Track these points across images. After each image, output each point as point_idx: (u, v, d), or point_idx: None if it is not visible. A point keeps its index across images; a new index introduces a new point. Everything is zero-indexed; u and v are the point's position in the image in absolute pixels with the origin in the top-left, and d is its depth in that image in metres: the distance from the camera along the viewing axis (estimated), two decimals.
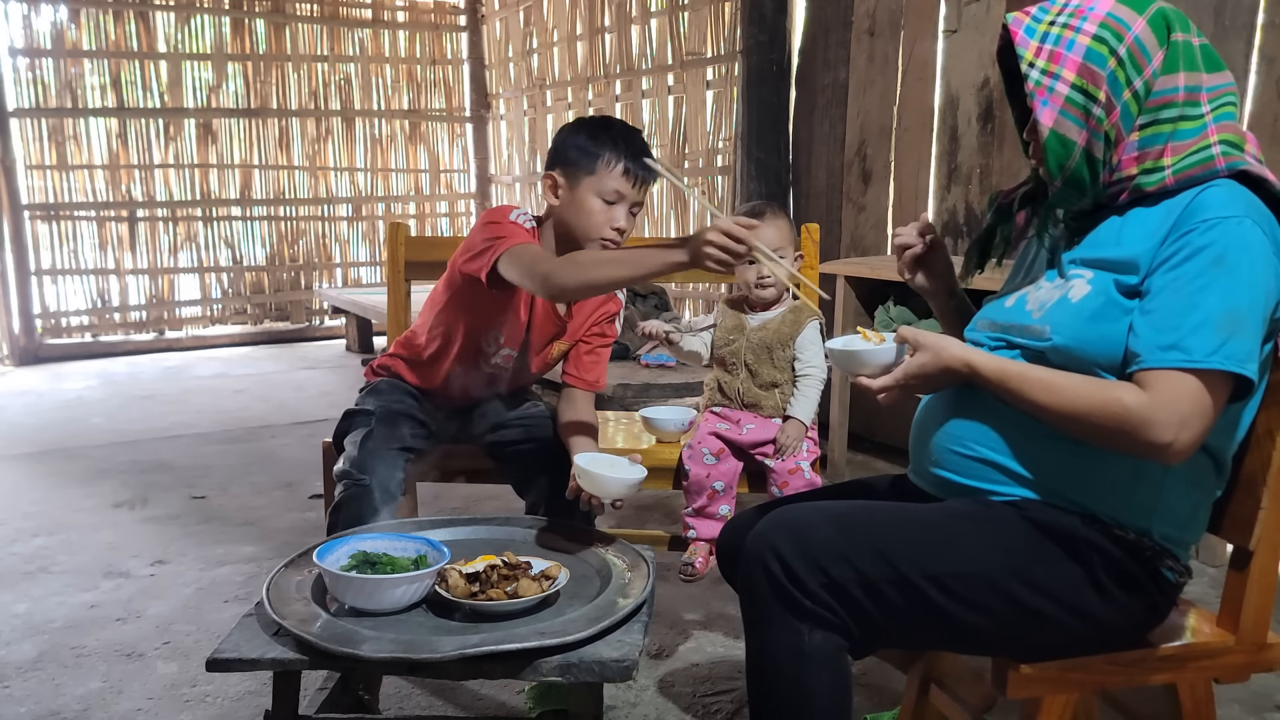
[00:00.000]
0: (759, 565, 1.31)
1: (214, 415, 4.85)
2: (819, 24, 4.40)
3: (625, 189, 1.88)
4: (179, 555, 3.00)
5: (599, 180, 1.87)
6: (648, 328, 2.23)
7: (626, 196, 1.89)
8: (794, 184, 4.59)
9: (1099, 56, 1.30)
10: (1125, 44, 1.30)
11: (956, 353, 1.36)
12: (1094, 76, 1.31)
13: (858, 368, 1.44)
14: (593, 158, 1.87)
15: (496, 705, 2.11)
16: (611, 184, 1.87)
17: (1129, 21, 1.31)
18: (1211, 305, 1.22)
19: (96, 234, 6.64)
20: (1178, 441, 1.22)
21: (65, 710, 2.12)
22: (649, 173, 1.89)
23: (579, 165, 1.89)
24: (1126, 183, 1.35)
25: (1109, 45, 1.30)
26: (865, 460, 3.88)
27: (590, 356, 2.11)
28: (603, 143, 1.87)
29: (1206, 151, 1.30)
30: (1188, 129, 1.31)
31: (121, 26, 6.51)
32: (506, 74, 7.49)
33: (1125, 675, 1.37)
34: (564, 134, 1.94)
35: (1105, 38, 1.31)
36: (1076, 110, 1.32)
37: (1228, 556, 1.42)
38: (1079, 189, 1.36)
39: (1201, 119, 1.32)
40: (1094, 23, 1.32)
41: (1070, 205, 1.41)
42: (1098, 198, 1.38)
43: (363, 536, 1.61)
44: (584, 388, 2.09)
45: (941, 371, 1.37)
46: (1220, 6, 2.84)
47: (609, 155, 1.86)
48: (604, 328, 2.12)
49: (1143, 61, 1.30)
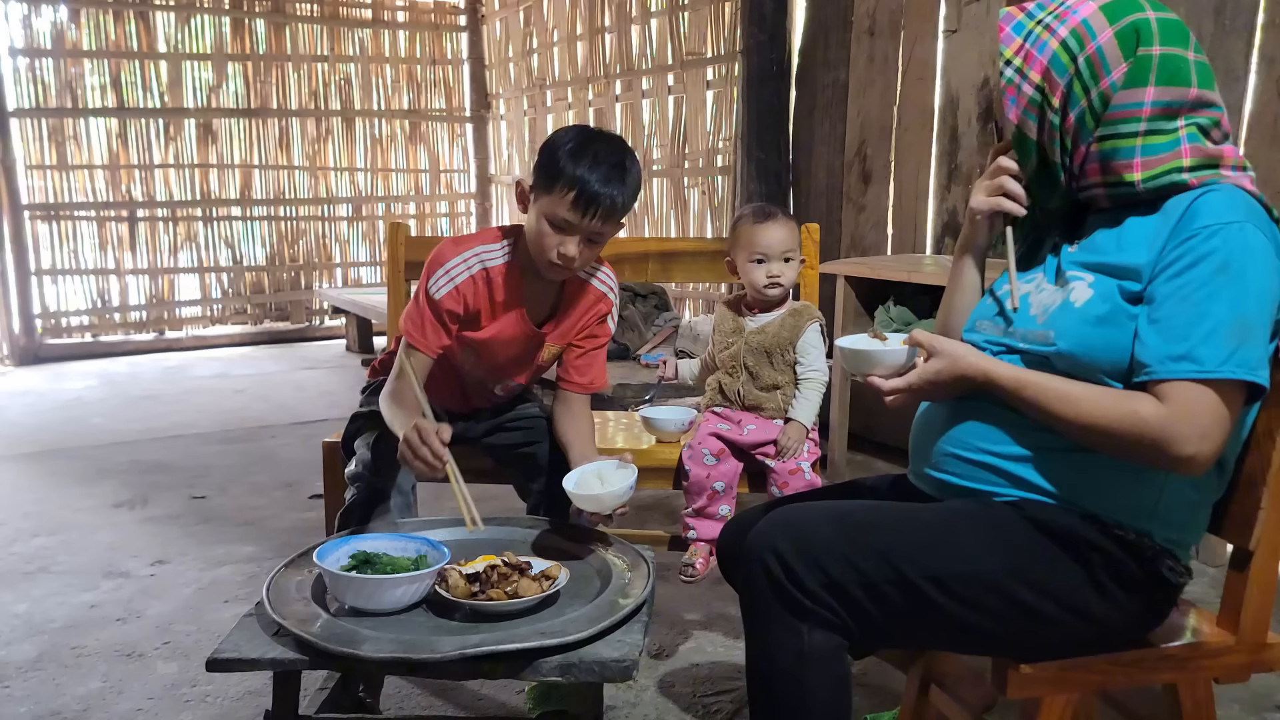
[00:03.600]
0: (759, 565, 1.31)
1: (214, 415, 4.85)
2: (819, 24, 4.41)
3: (574, 219, 1.75)
4: (179, 555, 3.00)
5: (551, 203, 1.75)
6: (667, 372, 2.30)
7: (577, 227, 1.76)
8: (794, 184, 4.60)
9: (1061, 64, 1.33)
10: (1086, 53, 1.32)
11: (974, 361, 1.36)
12: (1053, 82, 1.33)
13: (868, 368, 1.43)
14: (550, 179, 1.75)
15: (496, 705, 2.11)
16: (560, 211, 1.74)
17: (1097, 31, 1.31)
18: (1220, 313, 1.22)
19: (96, 234, 6.64)
20: (1200, 454, 1.22)
21: (65, 710, 2.12)
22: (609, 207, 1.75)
23: (539, 182, 1.79)
24: (1095, 189, 1.37)
25: (1070, 53, 1.32)
26: (865, 460, 3.88)
27: (583, 360, 2.04)
28: (564, 166, 1.73)
29: (1178, 175, 1.30)
30: (1157, 144, 1.31)
31: (121, 26, 6.51)
32: (506, 74, 7.50)
33: (1125, 675, 1.37)
34: (546, 141, 1.82)
35: (1070, 45, 1.32)
36: (1035, 110, 1.36)
37: (1228, 556, 1.41)
38: (1046, 186, 1.40)
39: (1174, 134, 1.31)
40: (1068, 28, 1.33)
41: (1046, 203, 1.44)
42: (1068, 198, 1.41)
43: (363, 536, 1.61)
44: (579, 391, 2.03)
45: (957, 379, 1.37)
46: (1220, 6, 2.84)
47: (564, 182, 1.73)
48: (595, 329, 2.05)
49: (1100, 73, 1.31)
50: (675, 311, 5.22)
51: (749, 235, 2.13)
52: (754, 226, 2.13)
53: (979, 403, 1.39)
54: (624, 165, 1.77)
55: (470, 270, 1.88)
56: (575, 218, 1.74)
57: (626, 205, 1.80)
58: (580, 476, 1.72)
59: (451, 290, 1.86)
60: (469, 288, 1.88)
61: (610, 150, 1.77)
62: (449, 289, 1.86)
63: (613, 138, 1.83)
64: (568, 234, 1.77)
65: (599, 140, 1.78)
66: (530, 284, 1.92)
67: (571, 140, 1.76)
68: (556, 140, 1.78)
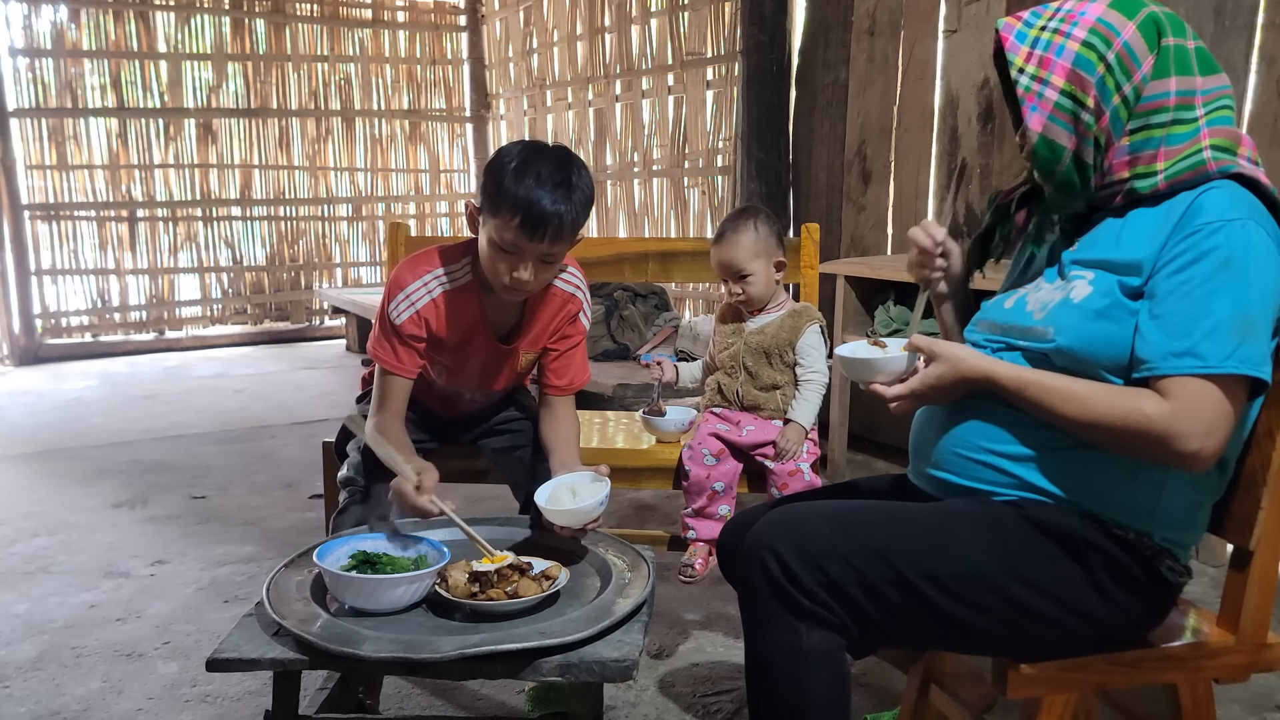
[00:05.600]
0: (758, 564, 1.31)
1: (214, 415, 4.85)
2: (819, 24, 4.40)
3: (523, 244, 1.69)
4: (179, 555, 3.00)
5: (498, 227, 1.69)
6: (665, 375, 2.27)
7: (527, 251, 1.70)
8: (794, 184, 4.59)
9: (1088, 62, 1.31)
10: (1114, 49, 1.31)
11: (975, 364, 1.36)
12: (1083, 82, 1.31)
13: (869, 376, 1.44)
14: (495, 203, 1.69)
15: (496, 706, 2.11)
16: (509, 235, 1.68)
17: (1118, 27, 1.31)
18: (1223, 310, 1.23)
19: (96, 234, 6.64)
20: (1204, 449, 1.22)
21: (65, 710, 2.12)
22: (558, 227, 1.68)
23: (485, 205, 1.73)
24: (1119, 186, 1.35)
25: (1098, 51, 1.31)
26: (865, 460, 3.88)
27: (560, 362, 1.99)
28: (508, 187, 1.66)
29: (1198, 156, 1.31)
30: (1180, 133, 1.32)
31: (121, 26, 6.51)
32: (506, 74, 7.49)
33: (1125, 675, 1.37)
34: (490, 161, 1.74)
35: (1094, 44, 1.31)
36: (1065, 115, 1.33)
37: (1228, 556, 1.41)
38: (1070, 192, 1.38)
39: (1195, 123, 1.32)
40: (1084, 29, 1.32)
41: (1064, 209, 1.42)
42: (1090, 200, 1.39)
43: (363, 536, 1.61)
44: (560, 393, 1.99)
45: (958, 382, 1.37)
46: (1220, 6, 2.84)
47: (509, 206, 1.66)
48: (567, 330, 1.99)
49: (1132, 67, 1.31)
50: (675, 311, 5.22)
51: (711, 254, 2.19)
52: (713, 246, 2.19)
53: (979, 402, 1.39)
54: (570, 181, 1.69)
55: (430, 293, 1.85)
56: (524, 242, 1.68)
57: (578, 221, 1.74)
58: (553, 490, 1.68)
59: (412, 315, 1.85)
60: (430, 311, 1.86)
61: (554, 167, 1.68)
62: (409, 314, 1.85)
63: (556, 152, 1.73)
64: (519, 258, 1.71)
65: (542, 157, 1.70)
66: (492, 301, 1.88)
67: (514, 159, 1.69)
68: (500, 160, 1.71)
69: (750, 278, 2.13)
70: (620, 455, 2.26)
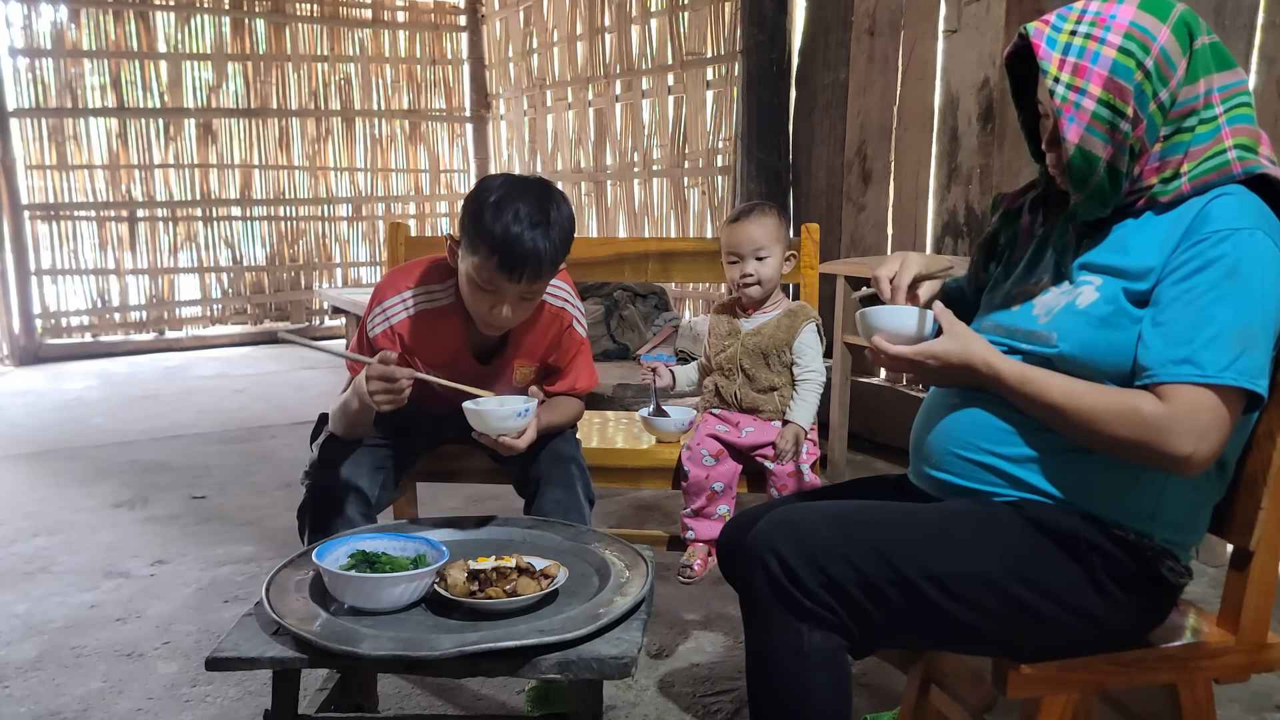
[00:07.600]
0: (758, 565, 1.30)
1: (214, 415, 4.85)
2: (819, 24, 4.41)
3: (501, 283, 1.69)
4: (179, 555, 3.00)
5: (477, 266, 1.69)
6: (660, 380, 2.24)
7: (506, 289, 1.71)
8: (794, 184, 4.60)
9: (1125, 70, 1.26)
10: (1152, 56, 1.26)
11: (981, 351, 1.35)
12: (1121, 91, 1.26)
13: (883, 324, 1.41)
14: (473, 240, 1.69)
15: (496, 705, 2.11)
16: (487, 274, 1.69)
17: (1154, 31, 1.27)
18: (1225, 319, 1.22)
19: (96, 234, 6.64)
20: (1197, 453, 1.22)
21: (65, 710, 2.12)
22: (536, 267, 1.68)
23: (464, 241, 1.73)
24: (1145, 192, 1.33)
25: (1136, 58, 1.26)
26: (865, 460, 3.88)
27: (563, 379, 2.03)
28: (486, 225, 1.65)
29: (1222, 156, 1.29)
30: (1204, 133, 1.30)
31: (121, 26, 6.51)
32: (506, 74, 7.49)
33: (1125, 675, 1.37)
34: (469, 196, 1.73)
35: (1132, 50, 1.26)
36: (1103, 126, 1.28)
37: (1228, 556, 1.41)
38: (1101, 201, 1.34)
39: (1215, 121, 1.30)
40: (1118, 33, 1.27)
41: (1092, 216, 1.38)
42: (1118, 206, 1.36)
43: (362, 536, 1.61)
44: (563, 392, 2.03)
45: (962, 364, 1.36)
46: (1220, 6, 2.84)
47: (487, 246, 1.66)
48: (563, 344, 2.00)
49: (1168, 73, 1.27)
50: (675, 311, 5.22)
51: (725, 235, 2.17)
52: (729, 226, 2.16)
53: (980, 402, 1.39)
54: (548, 218, 1.68)
55: (409, 311, 1.85)
56: (502, 281, 1.69)
57: (558, 258, 1.73)
58: (485, 400, 1.71)
59: (386, 330, 1.85)
60: (404, 328, 1.85)
61: (533, 205, 1.67)
62: (384, 328, 1.85)
63: (536, 187, 1.72)
64: (498, 296, 1.71)
65: (520, 194, 1.68)
66: (472, 326, 1.87)
67: (493, 195, 1.68)
68: (479, 195, 1.70)
69: (767, 259, 2.13)
70: (620, 455, 2.27)
